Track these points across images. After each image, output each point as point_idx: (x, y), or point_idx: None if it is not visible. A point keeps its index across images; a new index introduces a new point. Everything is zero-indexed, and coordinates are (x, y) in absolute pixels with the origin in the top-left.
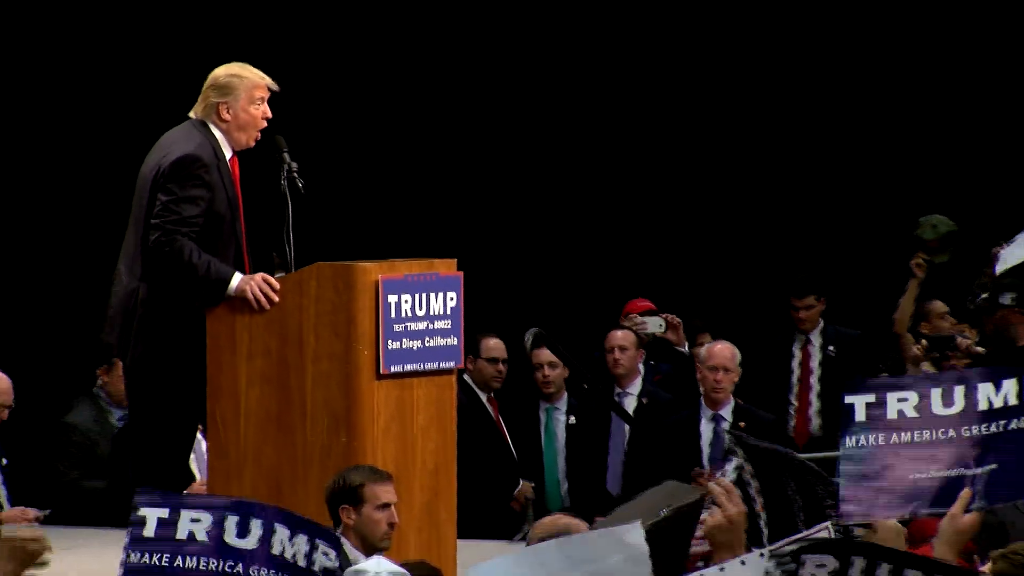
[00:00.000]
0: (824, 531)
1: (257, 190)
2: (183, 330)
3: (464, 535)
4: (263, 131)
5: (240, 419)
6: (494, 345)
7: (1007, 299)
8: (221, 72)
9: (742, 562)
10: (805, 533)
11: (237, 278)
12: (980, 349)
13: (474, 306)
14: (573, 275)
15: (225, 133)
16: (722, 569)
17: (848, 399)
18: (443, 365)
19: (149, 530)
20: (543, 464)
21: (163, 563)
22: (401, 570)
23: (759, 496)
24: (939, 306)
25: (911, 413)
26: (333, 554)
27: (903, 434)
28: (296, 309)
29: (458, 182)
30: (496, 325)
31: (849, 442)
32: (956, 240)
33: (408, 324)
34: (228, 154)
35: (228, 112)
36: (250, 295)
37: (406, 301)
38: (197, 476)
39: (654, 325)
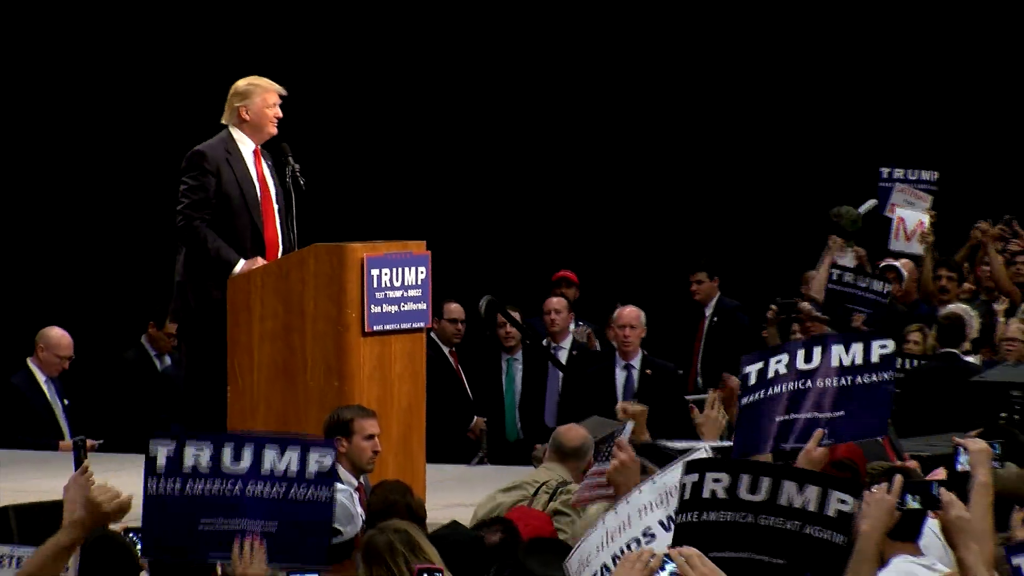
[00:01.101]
0: (701, 450)
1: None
2: (208, 299)
3: (431, 460)
4: (274, 138)
5: (254, 369)
6: (455, 309)
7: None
8: (242, 82)
9: (640, 490)
10: (688, 445)
11: (240, 264)
12: (819, 315)
13: (439, 278)
14: (517, 253)
15: (245, 131)
16: (627, 501)
17: (745, 368)
18: (415, 325)
19: (160, 464)
20: (504, 403)
21: (174, 490)
22: (341, 484)
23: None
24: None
25: (783, 371)
26: (328, 458)
27: (777, 386)
28: (298, 281)
29: (429, 181)
30: (456, 293)
31: (745, 400)
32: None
33: (387, 292)
34: (249, 148)
35: (247, 113)
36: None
37: (385, 274)
38: None
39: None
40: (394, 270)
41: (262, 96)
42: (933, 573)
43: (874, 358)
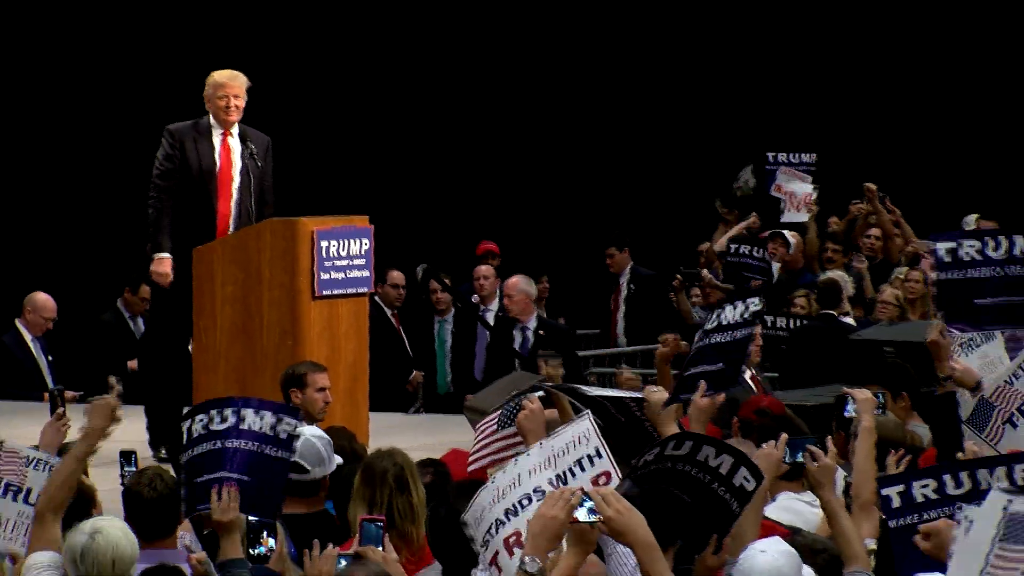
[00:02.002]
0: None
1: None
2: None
3: (374, 409)
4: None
5: (216, 329)
6: (396, 276)
7: None
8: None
9: (528, 453)
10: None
11: (157, 256)
12: (719, 283)
13: (382, 248)
14: (449, 226)
15: (213, 116)
16: (515, 463)
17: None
18: (359, 290)
19: (184, 438)
20: (436, 360)
21: (192, 456)
22: (322, 432)
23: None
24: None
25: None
26: (293, 421)
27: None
28: (256, 251)
29: (373, 162)
30: (397, 262)
31: None
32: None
33: (334, 261)
34: (219, 131)
35: (207, 103)
36: (153, 273)
37: (333, 245)
38: None
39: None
40: (341, 242)
41: (213, 89)
42: (812, 508)
43: (748, 315)
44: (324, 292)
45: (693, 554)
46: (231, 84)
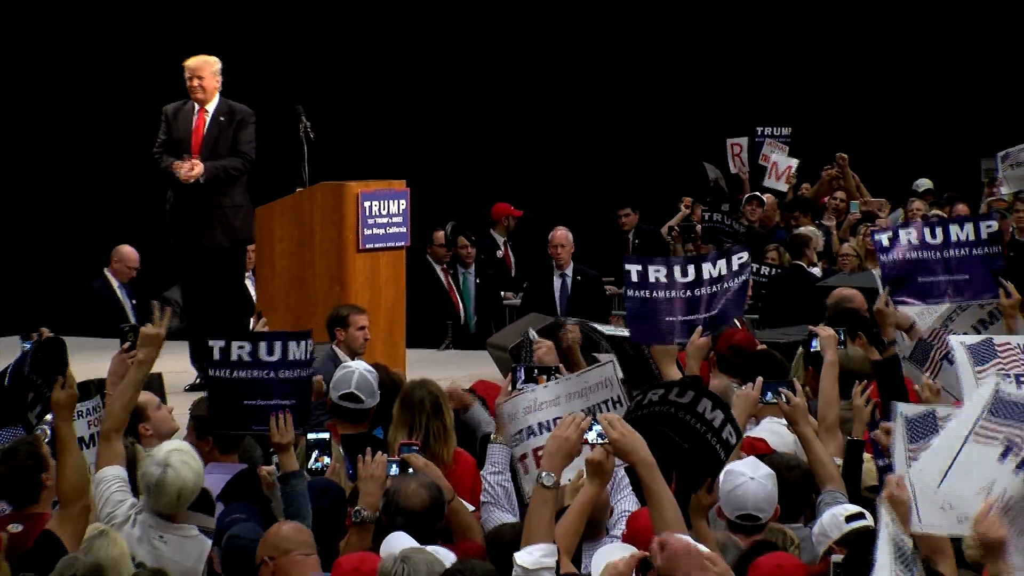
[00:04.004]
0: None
1: (284, 139)
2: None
3: (410, 345)
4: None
5: (275, 278)
6: (440, 237)
7: None
8: None
9: (569, 377)
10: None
11: (173, 163)
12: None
13: (416, 208)
14: (474, 188)
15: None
16: (557, 382)
17: (626, 266)
18: (397, 244)
19: (216, 355)
20: (465, 308)
21: (227, 374)
22: (371, 367)
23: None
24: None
25: (663, 279)
26: (311, 341)
27: (660, 292)
28: (309, 211)
29: (409, 133)
30: (429, 220)
31: (630, 293)
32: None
33: (376, 219)
34: (195, 107)
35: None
36: (181, 174)
37: (375, 205)
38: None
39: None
40: (381, 202)
41: (185, 72)
42: (791, 431)
43: (735, 267)
44: (367, 246)
45: (687, 492)
46: (193, 67)
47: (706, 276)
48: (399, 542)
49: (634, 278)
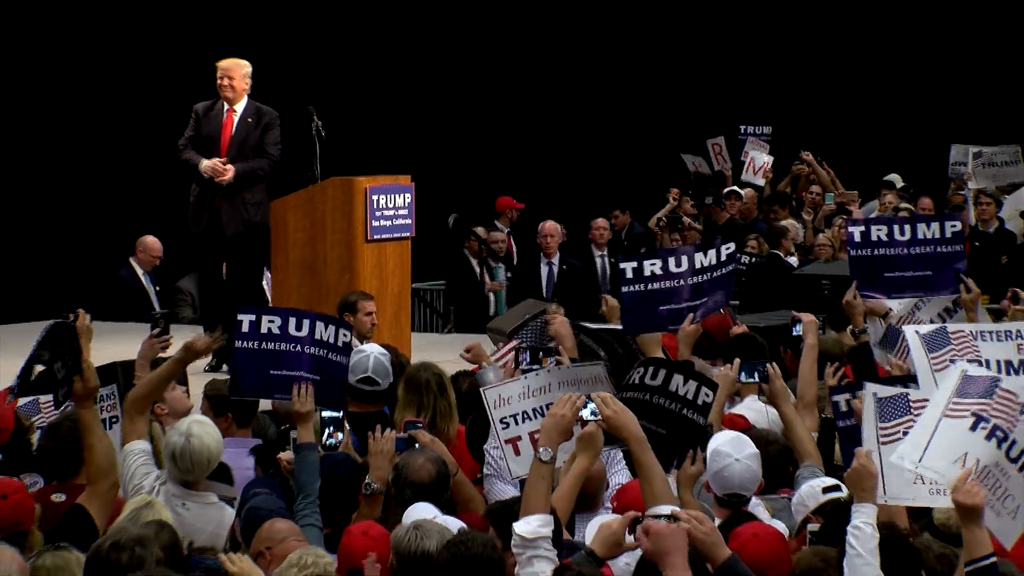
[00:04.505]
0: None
1: (297, 137)
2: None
3: (415, 329)
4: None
5: (290, 266)
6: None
7: None
8: None
9: (561, 367)
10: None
11: (202, 163)
12: (698, 226)
13: (420, 201)
14: (476, 182)
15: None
16: (548, 371)
17: (621, 264)
18: (402, 235)
19: (245, 327)
20: (497, 299)
21: (256, 346)
22: (382, 348)
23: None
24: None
25: (658, 272)
26: (348, 333)
27: (657, 284)
28: (320, 204)
29: (415, 131)
30: (433, 213)
31: (625, 289)
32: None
33: (383, 212)
34: (225, 107)
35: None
36: (207, 171)
37: (382, 199)
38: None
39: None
40: (388, 196)
41: (217, 72)
42: (771, 408)
43: (723, 256)
44: (375, 237)
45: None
46: (225, 67)
47: (697, 265)
48: (420, 512)
49: (629, 275)
